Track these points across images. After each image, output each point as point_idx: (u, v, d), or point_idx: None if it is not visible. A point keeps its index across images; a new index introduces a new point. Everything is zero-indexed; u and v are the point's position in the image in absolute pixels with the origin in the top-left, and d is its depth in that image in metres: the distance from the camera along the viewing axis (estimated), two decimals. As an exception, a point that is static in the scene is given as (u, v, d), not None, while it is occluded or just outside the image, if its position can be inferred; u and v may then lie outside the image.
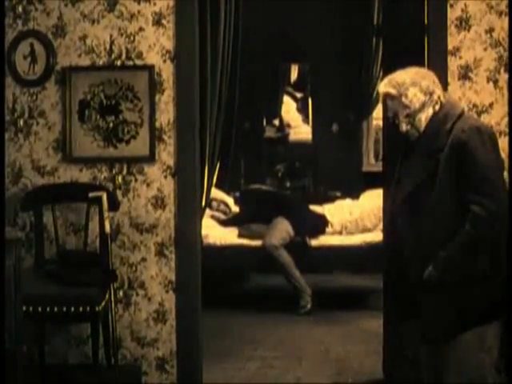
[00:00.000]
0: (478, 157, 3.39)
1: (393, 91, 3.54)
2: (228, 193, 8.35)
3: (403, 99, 3.52)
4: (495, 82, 4.72)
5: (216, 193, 7.71)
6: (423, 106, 3.53)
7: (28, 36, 4.88)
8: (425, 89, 3.53)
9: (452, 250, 3.40)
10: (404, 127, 3.54)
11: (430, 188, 3.43)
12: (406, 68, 3.62)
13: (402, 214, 3.51)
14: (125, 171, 4.90)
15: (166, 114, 4.87)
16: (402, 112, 3.54)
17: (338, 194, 8.85)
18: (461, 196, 3.39)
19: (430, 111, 3.54)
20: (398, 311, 3.79)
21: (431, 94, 3.54)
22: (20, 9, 4.88)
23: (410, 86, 3.52)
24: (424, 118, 3.53)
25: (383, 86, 3.59)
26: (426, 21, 4.75)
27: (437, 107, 3.55)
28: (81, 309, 4.37)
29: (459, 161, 3.39)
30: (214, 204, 8.00)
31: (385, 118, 4.57)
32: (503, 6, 4.68)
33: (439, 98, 3.56)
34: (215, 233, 7.37)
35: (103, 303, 4.50)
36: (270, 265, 7.16)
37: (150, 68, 4.84)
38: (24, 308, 3.91)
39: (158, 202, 4.89)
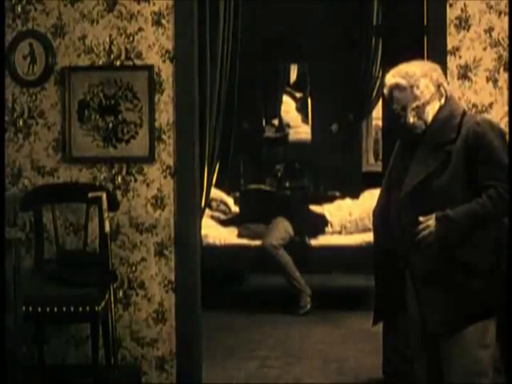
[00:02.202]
0: (496, 147, 3.44)
1: (403, 82, 3.51)
2: (228, 193, 8.36)
3: (414, 90, 3.50)
4: (495, 82, 4.71)
5: (216, 193, 7.71)
6: (432, 99, 3.53)
7: (27, 36, 4.88)
8: (435, 80, 3.53)
9: (460, 214, 3.40)
10: (411, 119, 3.52)
11: (439, 177, 3.45)
12: (410, 61, 3.61)
13: (409, 203, 3.50)
14: (124, 171, 4.90)
15: (165, 114, 4.87)
16: (411, 104, 3.51)
17: (338, 193, 8.84)
18: (477, 182, 3.43)
19: (437, 104, 3.54)
20: (384, 309, 3.80)
21: (439, 86, 3.54)
22: (19, 9, 4.88)
23: (422, 77, 3.51)
24: (431, 110, 3.53)
25: (392, 77, 3.55)
26: (425, 20, 4.75)
27: (442, 100, 3.55)
28: (80, 309, 4.37)
29: (477, 150, 3.43)
30: (214, 204, 8.00)
31: (386, 111, 4.56)
32: (503, 6, 4.68)
33: (445, 91, 3.56)
34: (215, 233, 7.37)
35: (103, 303, 4.50)
36: (269, 265, 7.16)
37: (149, 68, 4.84)
38: (23, 308, 3.91)
39: (158, 202, 4.89)
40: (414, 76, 3.51)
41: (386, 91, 3.60)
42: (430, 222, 3.43)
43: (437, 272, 3.47)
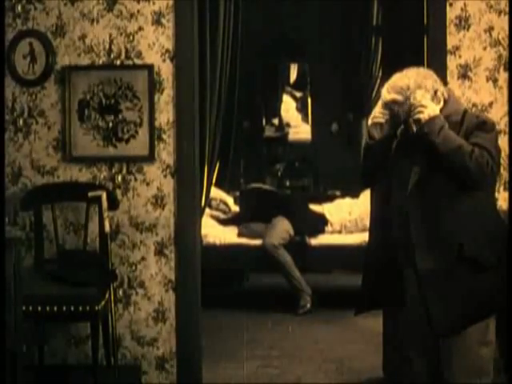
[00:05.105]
0: (493, 133, 3.53)
1: (399, 97, 3.54)
2: (227, 192, 8.35)
3: (412, 103, 3.53)
4: (495, 82, 4.72)
5: (215, 192, 7.71)
6: None
7: (27, 35, 4.88)
8: (430, 88, 3.55)
9: (452, 134, 3.44)
10: (414, 128, 3.54)
11: (440, 173, 3.47)
12: (404, 70, 3.62)
13: (416, 201, 3.50)
14: (124, 170, 4.90)
15: (165, 113, 4.87)
16: (410, 116, 3.54)
17: (338, 193, 8.86)
18: None
19: (436, 108, 3.55)
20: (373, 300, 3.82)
21: (435, 92, 3.56)
22: (19, 8, 4.88)
23: (417, 88, 3.53)
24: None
25: (387, 94, 3.58)
26: (425, 20, 4.75)
27: (441, 103, 3.57)
28: (80, 308, 4.37)
29: (474, 134, 3.48)
30: (214, 203, 8.00)
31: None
32: (503, 5, 4.68)
33: (442, 94, 3.58)
34: (215, 232, 7.37)
35: (103, 303, 4.50)
36: (269, 264, 7.16)
37: (149, 67, 4.84)
38: (23, 307, 3.91)
39: (158, 202, 4.89)
40: (409, 89, 3.53)
41: (383, 105, 3.63)
42: (436, 109, 3.49)
43: (444, 270, 3.47)
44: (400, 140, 3.67)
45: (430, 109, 3.48)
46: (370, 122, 3.70)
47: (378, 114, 3.64)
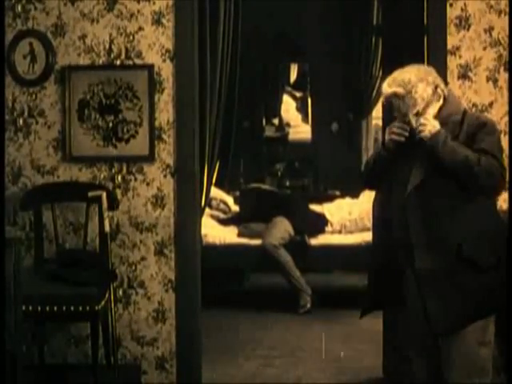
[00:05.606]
0: (495, 135, 3.54)
1: (400, 90, 3.54)
2: (228, 192, 8.36)
3: (413, 96, 3.53)
4: (495, 82, 4.72)
5: (215, 192, 7.71)
6: (431, 101, 3.55)
7: (27, 35, 4.88)
8: (431, 83, 3.56)
9: (456, 145, 3.44)
10: (414, 124, 3.54)
11: (443, 173, 3.47)
12: (405, 67, 3.63)
13: (415, 201, 3.50)
14: (124, 170, 4.90)
15: (165, 113, 4.87)
16: (411, 110, 3.54)
17: (338, 193, 8.86)
18: None
19: (436, 105, 3.56)
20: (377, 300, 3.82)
21: (436, 88, 3.56)
22: (19, 8, 4.88)
23: (418, 82, 3.54)
24: (432, 112, 3.56)
25: (388, 87, 3.58)
26: (425, 20, 4.75)
27: (441, 101, 3.58)
28: (80, 308, 4.37)
29: (477, 138, 3.48)
30: (214, 203, 8.01)
31: (386, 118, 4.56)
32: (503, 5, 4.68)
33: (442, 91, 3.58)
34: (215, 232, 7.37)
35: (103, 302, 4.50)
36: (269, 264, 7.16)
37: (149, 67, 4.84)
38: (23, 307, 3.91)
39: (158, 202, 4.89)
40: (411, 83, 3.54)
41: (384, 100, 3.62)
42: (436, 124, 3.48)
43: (443, 270, 3.47)
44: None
45: (429, 126, 3.48)
46: (387, 136, 3.64)
47: (397, 130, 3.60)
